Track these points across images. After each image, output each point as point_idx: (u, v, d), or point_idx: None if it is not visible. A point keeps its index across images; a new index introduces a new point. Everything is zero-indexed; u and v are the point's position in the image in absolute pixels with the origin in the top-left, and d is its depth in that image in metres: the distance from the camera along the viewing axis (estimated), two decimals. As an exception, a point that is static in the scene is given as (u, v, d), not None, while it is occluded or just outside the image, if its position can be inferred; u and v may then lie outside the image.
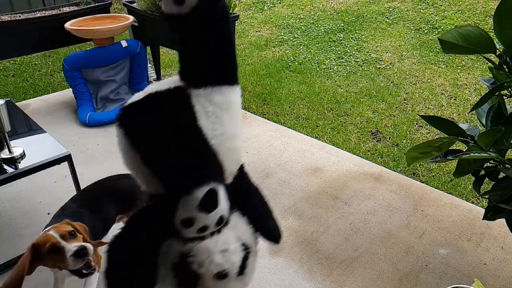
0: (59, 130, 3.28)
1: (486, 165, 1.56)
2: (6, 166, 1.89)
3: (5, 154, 1.93)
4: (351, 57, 4.61)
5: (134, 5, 3.77)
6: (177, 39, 1.04)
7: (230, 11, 3.28)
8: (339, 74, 4.26)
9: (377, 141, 3.11)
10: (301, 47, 4.98)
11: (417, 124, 3.28)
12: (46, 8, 3.97)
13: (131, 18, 3.67)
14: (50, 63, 4.98)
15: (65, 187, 2.56)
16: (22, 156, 1.95)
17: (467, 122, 3.28)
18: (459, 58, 4.25)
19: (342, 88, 3.97)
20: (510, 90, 1.41)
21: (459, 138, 1.42)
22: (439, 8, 5.30)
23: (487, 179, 1.59)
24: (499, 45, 1.29)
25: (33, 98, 4.02)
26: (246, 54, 4.83)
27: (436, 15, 5.17)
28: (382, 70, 4.26)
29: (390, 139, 3.12)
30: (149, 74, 4.11)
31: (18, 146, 1.98)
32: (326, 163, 2.78)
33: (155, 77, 4.25)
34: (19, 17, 3.60)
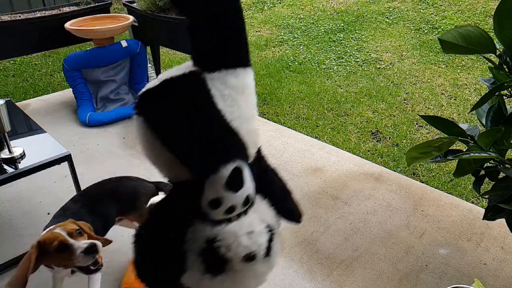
0: (59, 130, 3.28)
1: (486, 165, 1.56)
2: (6, 166, 1.89)
3: (5, 154, 1.93)
4: (351, 57, 4.61)
5: (134, 5, 3.77)
6: (187, 24, 1.03)
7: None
8: (339, 74, 4.26)
9: (377, 141, 3.11)
10: (301, 47, 4.98)
11: (417, 124, 3.28)
12: (46, 8, 3.97)
13: (131, 18, 3.67)
14: (50, 63, 4.98)
15: (65, 187, 2.56)
16: (22, 156, 1.95)
17: (467, 122, 3.28)
18: (459, 58, 4.25)
19: (342, 88, 3.97)
20: (510, 90, 1.41)
21: (459, 138, 1.42)
22: (439, 8, 5.30)
23: (487, 179, 1.59)
24: (499, 45, 1.29)
25: (33, 98, 4.02)
26: (246, 54, 4.83)
27: (436, 15, 5.17)
28: (382, 70, 4.26)
29: (390, 139, 3.12)
30: (149, 74, 4.10)
31: (18, 146, 1.98)
32: (326, 163, 2.78)
33: (155, 77, 4.24)
34: (19, 17, 3.60)
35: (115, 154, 2.96)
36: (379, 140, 3.12)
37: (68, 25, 3.49)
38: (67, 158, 1.96)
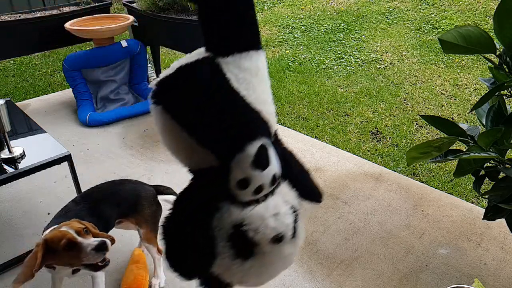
0: (59, 130, 3.28)
1: (486, 165, 1.56)
2: (6, 166, 1.89)
3: (5, 154, 1.93)
4: (351, 57, 4.61)
5: (134, 5, 3.77)
6: (198, 9, 1.04)
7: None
8: (339, 74, 4.26)
9: (377, 141, 3.11)
10: (301, 47, 4.98)
11: (417, 124, 3.28)
12: (46, 8, 3.97)
13: (131, 18, 3.67)
14: (50, 63, 4.98)
15: (65, 187, 2.56)
16: (22, 156, 1.95)
17: (467, 122, 3.28)
18: (459, 58, 4.25)
19: (342, 88, 3.97)
20: (510, 90, 1.41)
21: (459, 138, 1.42)
22: (439, 8, 5.31)
23: (487, 179, 1.59)
24: (499, 45, 1.29)
25: (33, 98, 4.02)
26: (246, 54, 4.83)
27: (436, 15, 5.17)
28: (382, 70, 4.26)
29: (390, 139, 3.12)
30: (149, 74, 4.10)
31: (18, 146, 1.98)
32: (326, 163, 2.78)
33: (155, 77, 4.24)
34: (19, 17, 3.60)
35: (115, 154, 2.96)
36: (379, 140, 3.12)
37: (68, 25, 3.49)
38: (67, 158, 1.96)
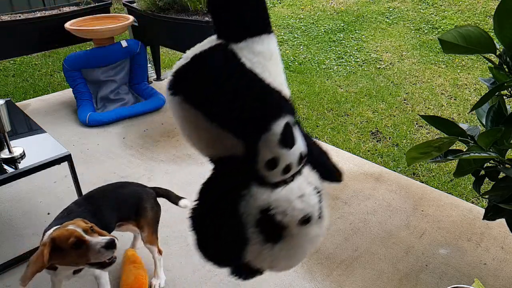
0: (59, 130, 3.28)
1: (486, 165, 1.56)
2: (6, 166, 1.89)
3: (5, 154, 1.93)
4: (351, 57, 4.61)
5: (134, 5, 3.77)
6: None
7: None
8: (339, 74, 4.26)
9: (377, 141, 3.11)
10: (301, 47, 4.98)
11: (417, 124, 3.28)
12: (46, 8, 3.98)
13: (131, 18, 3.67)
14: (50, 63, 4.98)
15: (65, 187, 2.56)
16: (22, 156, 1.95)
17: (467, 122, 3.28)
18: (459, 58, 4.25)
19: (342, 88, 3.97)
20: (510, 90, 1.41)
21: (459, 138, 1.42)
22: (439, 8, 5.31)
23: (487, 179, 1.59)
24: (499, 45, 1.29)
25: (33, 98, 4.02)
26: (246, 54, 4.83)
27: (436, 15, 5.17)
28: (382, 70, 4.26)
29: (390, 139, 3.12)
30: (149, 74, 4.10)
31: (18, 146, 1.98)
32: (326, 163, 2.78)
33: (155, 77, 4.26)
34: (19, 17, 3.60)
35: (115, 154, 2.96)
36: (379, 140, 3.12)
37: (68, 25, 3.49)
38: (67, 158, 1.96)
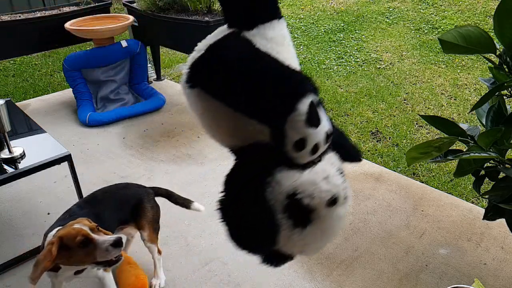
0: (59, 130, 3.28)
1: (486, 165, 1.56)
2: (6, 166, 1.89)
3: (5, 154, 1.93)
4: (351, 57, 4.61)
5: (134, 5, 3.77)
6: None
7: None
8: (339, 74, 4.26)
9: (377, 141, 3.11)
10: (301, 47, 4.98)
11: (417, 124, 3.28)
12: (46, 8, 3.98)
13: (131, 18, 3.67)
14: (50, 63, 4.98)
15: (65, 187, 2.56)
16: (22, 156, 1.95)
17: (467, 122, 3.28)
18: (459, 58, 4.25)
19: (342, 88, 3.97)
20: (510, 90, 1.41)
21: (459, 138, 1.42)
22: (439, 8, 5.31)
23: (487, 179, 1.59)
24: (499, 45, 1.29)
25: (33, 98, 4.02)
26: (246, 54, 4.83)
27: (436, 15, 5.17)
28: (382, 70, 4.26)
29: (390, 139, 3.12)
30: (149, 74, 4.10)
31: (18, 146, 1.98)
32: (326, 163, 2.78)
33: (155, 77, 4.26)
34: (19, 17, 3.61)
35: (115, 154, 2.96)
36: (379, 140, 3.12)
37: (68, 25, 3.49)
38: (67, 158, 1.96)
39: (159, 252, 1.87)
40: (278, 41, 1.06)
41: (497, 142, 1.35)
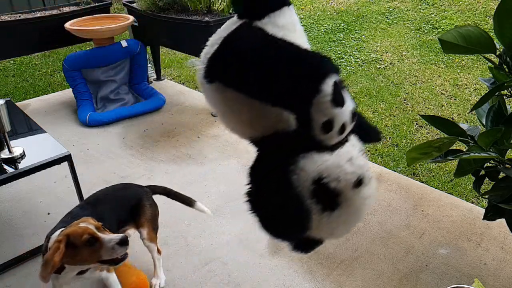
0: (59, 130, 3.28)
1: (486, 165, 1.56)
2: (6, 166, 1.89)
3: (5, 154, 1.93)
4: (351, 57, 4.61)
5: (134, 5, 3.77)
6: None
7: (230, 11, 3.28)
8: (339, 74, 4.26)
9: (377, 141, 3.11)
10: (301, 47, 4.97)
11: (417, 124, 3.28)
12: (46, 8, 3.98)
13: (131, 18, 3.67)
14: (50, 63, 4.98)
15: (65, 187, 2.56)
16: (22, 156, 1.95)
17: (467, 122, 3.28)
18: (459, 58, 4.25)
19: (342, 88, 3.97)
20: (510, 90, 1.41)
21: (459, 138, 1.41)
22: (439, 8, 5.31)
23: (487, 179, 1.59)
24: (499, 45, 1.29)
25: (33, 98, 4.02)
26: (246, 54, 4.83)
27: (436, 15, 5.17)
28: (382, 70, 4.26)
29: (390, 139, 3.12)
30: (149, 74, 4.10)
31: (18, 146, 1.98)
32: (326, 163, 2.78)
33: (155, 77, 4.26)
34: (19, 17, 3.61)
35: (115, 154, 2.96)
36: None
37: (68, 25, 3.49)
38: (67, 158, 1.96)
39: (159, 251, 1.87)
40: (290, 28, 1.06)
41: (497, 142, 1.35)
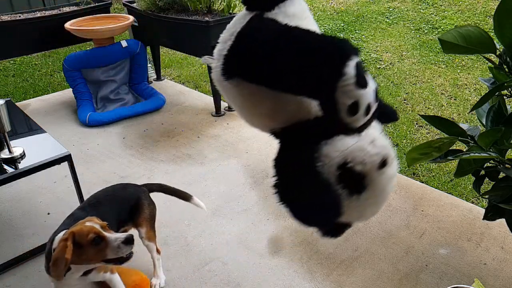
0: (59, 130, 3.28)
1: (486, 165, 1.56)
2: (6, 166, 1.89)
3: (5, 154, 1.93)
4: (351, 57, 4.61)
5: (134, 5, 3.77)
6: None
7: (230, 11, 3.28)
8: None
9: (377, 141, 3.11)
10: (301, 47, 4.97)
11: (417, 124, 3.28)
12: (46, 8, 3.98)
13: (131, 18, 3.67)
14: (50, 63, 4.98)
15: (65, 187, 2.56)
16: (22, 156, 1.95)
17: (467, 122, 3.28)
18: (459, 58, 4.25)
19: (342, 88, 3.97)
20: (510, 90, 1.41)
21: (459, 138, 1.42)
22: (439, 8, 5.31)
23: (487, 179, 1.59)
24: (499, 45, 1.29)
25: (33, 98, 4.02)
26: (246, 54, 4.82)
27: (436, 15, 5.17)
28: (382, 70, 4.26)
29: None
30: (149, 74, 4.10)
31: (18, 146, 1.98)
32: (326, 163, 2.78)
33: (155, 77, 4.26)
34: (19, 17, 3.61)
35: (115, 154, 2.96)
36: (379, 140, 3.12)
37: (68, 25, 3.49)
38: (67, 158, 1.96)
39: (158, 251, 1.87)
40: (300, 16, 1.06)
41: (497, 142, 1.35)
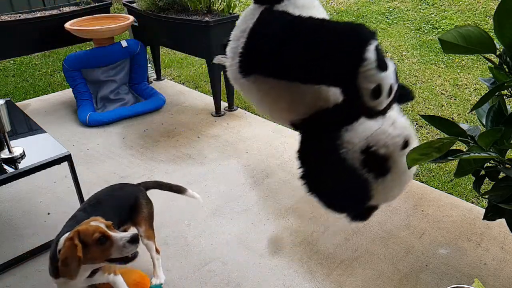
0: (59, 130, 3.28)
1: (486, 165, 1.56)
2: (6, 166, 1.89)
3: (5, 154, 1.93)
4: (351, 57, 4.61)
5: (134, 5, 3.77)
6: None
7: (230, 11, 3.28)
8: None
9: (377, 141, 3.11)
10: (301, 47, 4.97)
11: (417, 124, 3.28)
12: (46, 8, 3.98)
13: (131, 18, 3.67)
14: (50, 63, 4.98)
15: (65, 187, 2.56)
16: (22, 156, 1.95)
17: (467, 122, 3.28)
18: (459, 58, 4.25)
19: (342, 88, 3.97)
20: (510, 90, 1.41)
21: (459, 138, 1.41)
22: (439, 8, 5.31)
23: (487, 179, 1.59)
24: (499, 45, 1.29)
25: (33, 98, 4.02)
26: (246, 54, 4.82)
27: (436, 15, 5.17)
28: (382, 70, 4.26)
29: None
30: (149, 74, 4.11)
31: (18, 146, 1.98)
32: (326, 163, 2.78)
33: (155, 77, 4.26)
34: (19, 17, 3.60)
35: (115, 154, 2.96)
36: (379, 140, 3.12)
37: (68, 25, 3.49)
38: (67, 158, 1.96)
39: (157, 251, 1.87)
40: (309, 6, 1.06)
41: (497, 142, 1.35)
